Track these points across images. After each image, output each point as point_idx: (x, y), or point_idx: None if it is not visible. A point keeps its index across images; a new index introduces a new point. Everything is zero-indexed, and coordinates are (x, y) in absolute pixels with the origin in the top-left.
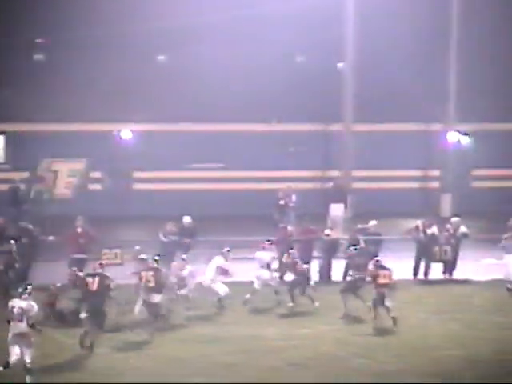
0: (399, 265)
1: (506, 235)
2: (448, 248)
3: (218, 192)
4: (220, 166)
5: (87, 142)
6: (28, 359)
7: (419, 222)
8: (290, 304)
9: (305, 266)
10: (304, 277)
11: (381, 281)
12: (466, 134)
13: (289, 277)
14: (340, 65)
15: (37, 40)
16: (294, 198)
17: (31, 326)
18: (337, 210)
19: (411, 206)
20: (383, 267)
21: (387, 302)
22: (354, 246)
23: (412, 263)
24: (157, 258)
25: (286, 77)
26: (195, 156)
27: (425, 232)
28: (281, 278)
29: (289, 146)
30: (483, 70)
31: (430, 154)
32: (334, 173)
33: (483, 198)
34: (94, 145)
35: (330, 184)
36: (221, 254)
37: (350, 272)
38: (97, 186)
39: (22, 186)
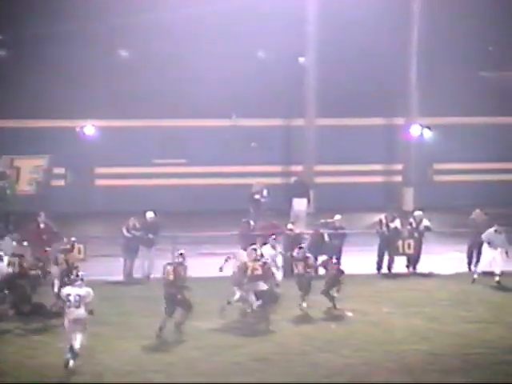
0: (363, 259)
1: (493, 228)
2: (411, 242)
3: (180, 187)
4: (182, 162)
5: (50, 138)
6: (78, 344)
7: (382, 216)
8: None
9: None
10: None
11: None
12: (427, 128)
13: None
14: (301, 59)
15: None
16: (265, 192)
17: (89, 312)
18: (299, 204)
19: (374, 200)
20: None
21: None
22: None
23: (375, 257)
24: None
25: (248, 72)
26: (158, 152)
27: (388, 226)
28: None
29: (251, 141)
30: (444, 64)
31: (393, 148)
32: (297, 167)
33: (445, 191)
34: (57, 141)
35: (293, 179)
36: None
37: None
38: (59, 182)
39: None
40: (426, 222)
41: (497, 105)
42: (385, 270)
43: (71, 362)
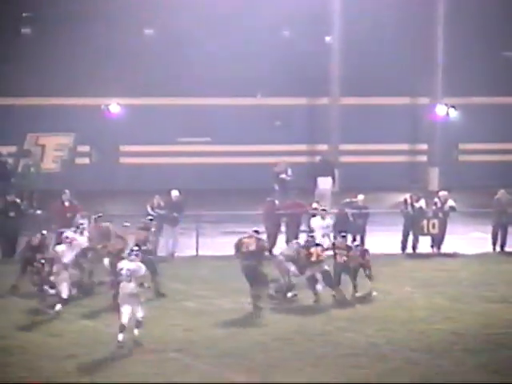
0: (387, 239)
1: None
2: (436, 222)
3: (204, 166)
4: (207, 140)
5: (75, 116)
6: (140, 314)
7: (407, 196)
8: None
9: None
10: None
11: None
12: (453, 108)
13: None
14: (327, 38)
15: (24, 14)
16: (289, 171)
17: (140, 285)
18: (324, 183)
19: (399, 180)
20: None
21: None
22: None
23: (400, 237)
24: None
25: (273, 50)
26: (182, 130)
27: (413, 206)
28: None
29: (275, 119)
30: (469, 44)
31: (418, 127)
32: (322, 146)
33: (470, 171)
34: (82, 119)
35: (318, 158)
36: None
37: None
38: (84, 160)
39: (10, 160)
40: (450, 202)
41: None
42: (409, 249)
43: (136, 331)
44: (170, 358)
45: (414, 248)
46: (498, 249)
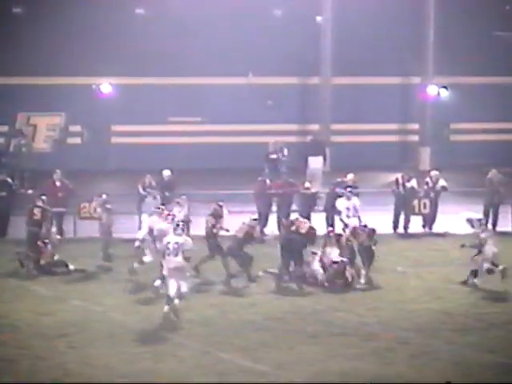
0: (379, 218)
1: None
2: (427, 201)
3: (195, 145)
4: (198, 120)
5: (66, 95)
6: (185, 289)
7: (398, 176)
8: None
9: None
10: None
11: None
12: (444, 87)
13: None
14: (319, 18)
15: None
16: (286, 151)
17: (186, 259)
18: (315, 163)
19: (390, 160)
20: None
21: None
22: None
23: (391, 217)
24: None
25: (264, 30)
26: (174, 110)
27: (404, 185)
28: None
29: (267, 99)
30: (460, 23)
31: (409, 107)
32: (313, 126)
33: (462, 151)
34: (73, 98)
35: (309, 137)
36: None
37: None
38: (76, 140)
39: (1, 140)
40: (442, 182)
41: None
42: (401, 229)
43: (177, 301)
44: (162, 337)
45: (405, 228)
46: (489, 228)
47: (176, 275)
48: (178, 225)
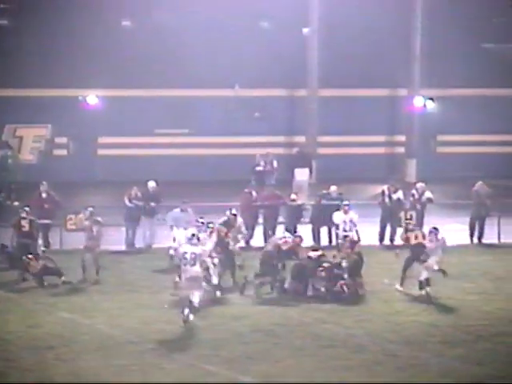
0: (365, 230)
1: None
2: (413, 213)
3: (182, 157)
4: (185, 132)
5: (53, 107)
6: (197, 299)
7: (385, 187)
8: None
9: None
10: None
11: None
12: (430, 99)
13: None
14: (305, 30)
15: (1, 5)
16: (275, 163)
17: (205, 269)
18: (301, 174)
19: (376, 172)
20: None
21: None
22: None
23: (378, 228)
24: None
25: (251, 42)
26: (160, 122)
27: (390, 197)
28: None
29: (254, 111)
30: (447, 35)
31: (395, 119)
32: (299, 138)
33: (448, 163)
34: (60, 110)
35: (295, 149)
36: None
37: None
38: (62, 152)
39: None
40: (428, 194)
41: (500, 77)
42: (387, 241)
43: (191, 317)
44: (148, 349)
45: (391, 240)
46: (475, 241)
47: (192, 285)
48: (193, 235)
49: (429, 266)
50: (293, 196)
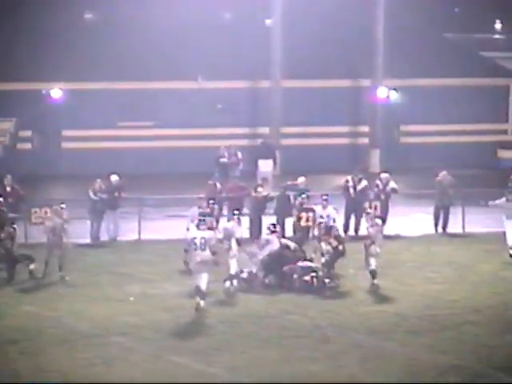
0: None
1: (503, 198)
2: (378, 203)
3: (147, 150)
4: (148, 124)
5: (16, 101)
6: (205, 285)
7: (349, 178)
8: None
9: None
10: None
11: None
12: (394, 90)
13: None
14: (268, 21)
15: None
16: (240, 155)
17: (213, 253)
18: (265, 166)
19: (340, 162)
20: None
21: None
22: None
23: (342, 219)
24: None
25: (214, 34)
26: (124, 114)
27: (355, 188)
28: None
29: (217, 103)
30: (410, 25)
31: (359, 109)
32: (263, 129)
33: (412, 153)
34: (23, 104)
35: (259, 140)
36: None
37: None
38: (26, 145)
39: None
40: (392, 184)
41: (462, 66)
42: (351, 231)
43: (202, 303)
44: (113, 341)
45: (356, 230)
46: (440, 230)
47: (202, 269)
48: (202, 220)
49: (372, 252)
50: (259, 189)
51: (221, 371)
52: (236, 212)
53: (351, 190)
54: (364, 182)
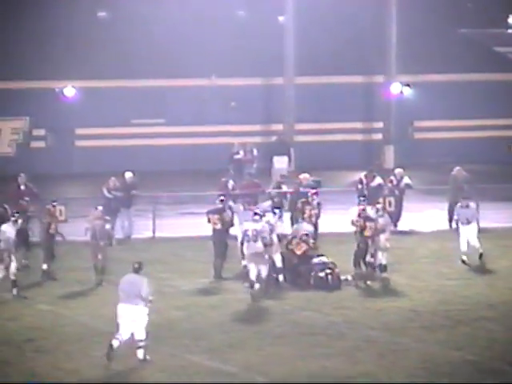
0: (344, 217)
1: (460, 203)
2: (392, 199)
3: (160, 147)
4: (162, 122)
5: (30, 99)
6: (264, 273)
7: (362, 175)
8: None
9: None
10: None
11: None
12: (407, 86)
13: None
14: (281, 18)
15: None
16: (255, 151)
17: (266, 245)
18: (280, 163)
19: (354, 158)
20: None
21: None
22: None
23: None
24: None
25: (228, 31)
26: (137, 112)
27: (368, 185)
28: None
29: (230, 100)
30: (423, 21)
31: (373, 105)
32: (277, 126)
33: (426, 149)
34: (37, 102)
35: (274, 137)
36: None
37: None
38: (40, 144)
39: None
40: (406, 180)
41: (476, 62)
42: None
43: (257, 285)
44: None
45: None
46: (454, 225)
47: (256, 260)
48: (256, 213)
49: (381, 245)
50: (284, 187)
51: (235, 369)
52: (259, 211)
53: (364, 187)
54: (378, 179)
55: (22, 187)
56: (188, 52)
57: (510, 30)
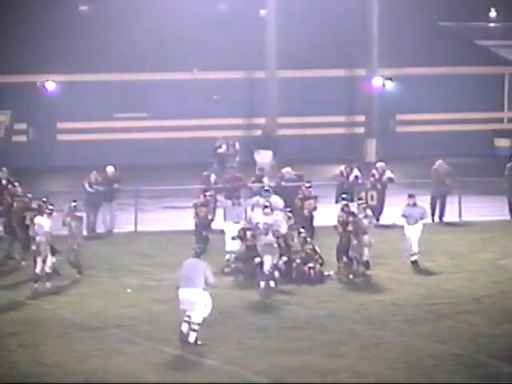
0: (325, 211)
1: (406, 203)
2: (374, 193)
3: (142, 141)
4: (144, 116)
5: (11, 93)
6: (269, 264)
7: (342, 168)
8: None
9: None
10: None
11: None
12: (389, 79)
13: None
14: (262, 12)
15: None
16: (237, 145)
17: (277, 237)
18: (264, 157)
19: (337, 152)
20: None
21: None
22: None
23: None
24: None
25: (210, 25)
26: (119, 106)
27: (348, 177)
28: None
29: (212, 94)
30: (404, 14)
31: (355, 99)
32: (259, 120)
33: (408, 142)
34: (18, 96)
35: (260, 131)
36: None
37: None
38: (21, 138)
39: None
40: (388, 174)
41: (457, 55)
42: None
43: (271, 283)
44: (110, 333)
45: None
46: (436, 219)
47: (268, 251)
48: (266, 206)
49: (366, 242)
50: (265, 180)
51: (218, 363)
52: (268, 204)
53: (344, 180)
54: (355, 171)
55: (4, 181)
56: (170, 46)
57: (491, 24)
